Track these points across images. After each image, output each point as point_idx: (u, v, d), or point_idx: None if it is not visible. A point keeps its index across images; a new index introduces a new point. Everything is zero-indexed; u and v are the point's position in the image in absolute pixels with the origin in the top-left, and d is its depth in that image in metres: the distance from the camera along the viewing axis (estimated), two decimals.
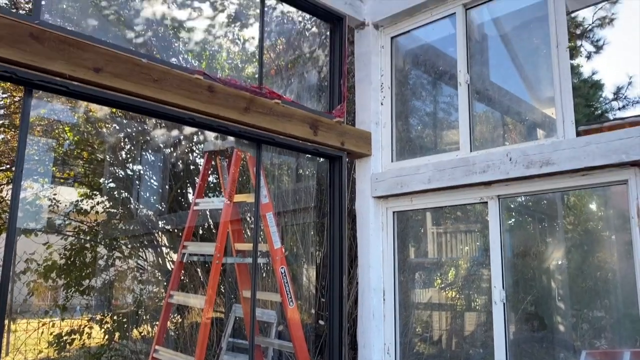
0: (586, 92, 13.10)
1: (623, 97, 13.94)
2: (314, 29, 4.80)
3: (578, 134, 3.42)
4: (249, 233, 5.49)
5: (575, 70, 13.77)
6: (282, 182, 5.73)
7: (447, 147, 4.35)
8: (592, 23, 13.10)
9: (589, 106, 13.25)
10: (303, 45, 4.97)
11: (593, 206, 5.33)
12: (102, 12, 3.42)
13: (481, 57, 4.24)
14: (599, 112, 13.58)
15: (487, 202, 3.73)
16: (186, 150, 6.31)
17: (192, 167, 6.49)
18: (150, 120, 5.61)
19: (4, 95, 6.19)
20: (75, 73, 2.77)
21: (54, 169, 6.32)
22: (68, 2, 3.51)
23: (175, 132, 5.68)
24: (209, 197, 6.13)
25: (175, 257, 6.12)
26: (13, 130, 6.12)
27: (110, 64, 2.91)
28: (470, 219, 5.46)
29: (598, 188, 3.60)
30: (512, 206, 5.33)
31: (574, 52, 13.74)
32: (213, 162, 5.06)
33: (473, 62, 4.09)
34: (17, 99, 6.01)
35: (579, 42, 13.71)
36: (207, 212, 6.14)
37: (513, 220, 5.51)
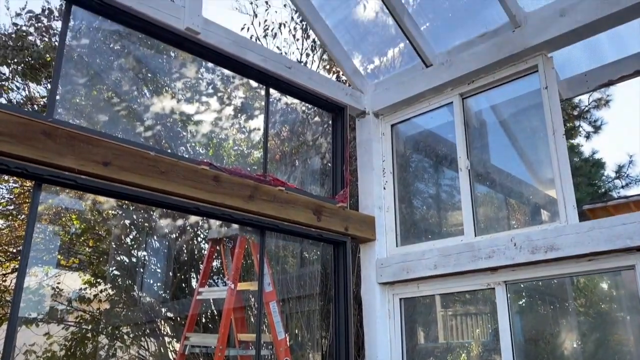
0: (588, 170, 13.21)
1: (625, 175, 14.04)
2: (317, 118, 4.96)
3: (582, 213, 3.43)
4: (252, 320, 5.38)
5: (575, 150, 13.98)
6: (287, 264, 5.69)
7: (452, 229, 4.35)
8: (589, 104, 13.47)
9: (592, 185, 13.32)
10: (306, 133, 5.13)
11: (604, 286, 5.23)
12: (113, 108, 3.58)
13: (481, 142, 4.34)
14: (602, 190, 13.62)
15: (494, 288, 3.68)
16: (191, 237, 6.33)
17: (196, 253, 6.48)
18: (156, 209, 5.70)
19: (15, 185, 6.32)
20: (84, 167, 2.86)
21: (59, 256, 6.33)
22: (81, 98, 3.68)
23: (180, 221, 5.73)
24: (214, 281, 6.07)
25: (177, 346, 5.96)
26: (20, 219, 6.19)
27: (119, 158, 3.00)
28: (480, 301, 5.35)
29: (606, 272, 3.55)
30: (522, 286, 5.24)
31: (572, 132, 14.02)
32: (217, 248, 5.06)
33: (473, 147, 4.19)
34: (26, 188, 6.14)
35: (577, 123, 14.03)
36: (211, 300, 6.06)
37: (523, 301, 5.39)
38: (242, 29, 7.29)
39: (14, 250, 6.40)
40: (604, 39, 3.71)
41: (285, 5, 10.25)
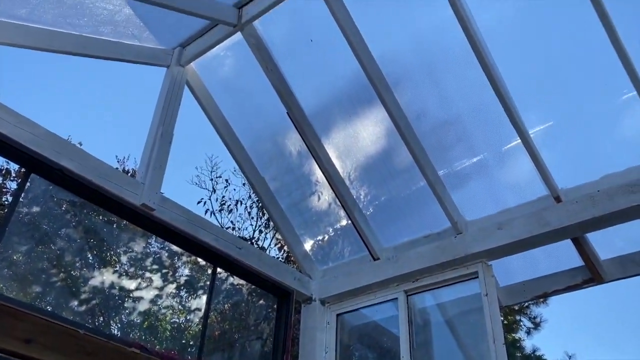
0: None
1: None
2: (262, 301, 4.88)
3: None
4: None
5: (517, 344, 14.01)
6: None
7: None
8: (529, 301, 13.84)
9: None
10: (250, 315, 4.99)
11: None
12: (51, 278, 3.44)
13: (425, 339, 4.30)
14: None
15: None
16: None
17: None
18: None
19: None
20: (3, 344, 2.63)
21: None
22: (19, 264, 3.53)
23: None
24: None
25: None
26: None
27: (44, 335, 2.80)
28: None
29: None
30: None
31: (514, 326, 14.18)
32: None
33: (417, 345, 4.13)
34: None
35: (518, 317, 14.27)
36: None
37: None
38: (199, 202, 7.49)
39: None
40: (540, 252, 3.96)
41: (244, 184, 10.73)
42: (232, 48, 4.42)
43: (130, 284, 3.94)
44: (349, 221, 4.60)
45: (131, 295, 3.89)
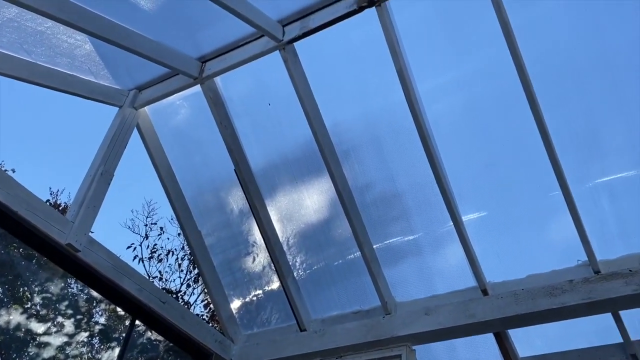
0: None
1: None
2: None
3: None
4: None
5: None
6: None
7: None
8: None
9: None
10: None
11: None
12: None
13: None
14: None
15: None
16: None
17: None
18: None
19: None
20: None
21: None
22: None
23: None
24: None
25: None
26: None
27: None
28: None
29: None
30: None
31: None
32: None
33: None
34: None
35: None
36: None
37: None
38: (129, 247, 7.20)
39: None
40: (461, 342, 4.02)
41: (179, 235, 10.47)
42: (189, 99, 4.43)
43: (39, 327, 3.67)
44: (281, 287, 4.53)
45: (38, 339, 3.62)
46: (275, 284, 4.76)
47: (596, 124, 3.59)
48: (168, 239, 12.91)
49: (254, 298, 4.99)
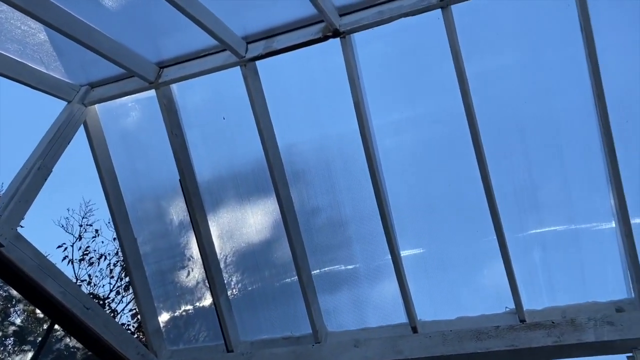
0: None
1: None
2: None
3: None
4: None
5: None
6: None
7: None
8: None
9: None
10: None
11: None
12: None
13: None
14: None
15: None
16: None
17: None
18: None
19: None
20: None
21: None
22: None
23: None
24: None
25: None
26: None
27: None
28: None
29: None
30: None
31: None
32: None
33: None
34: None
35: None
36: None
37: None
38: (59, 247, 6.88)
39: None
40: None
41: (114, 239, 10.09)
42: (142, 102, 4.34)
43: None
44: (213, 305, 4.43)
45: None
46: (208, 301, 4.66)
47: (535, 178, 3.75)
48: (102, 242, 12.18)
49: (184, 313, 4.85)
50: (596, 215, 3.69)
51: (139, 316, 6.88)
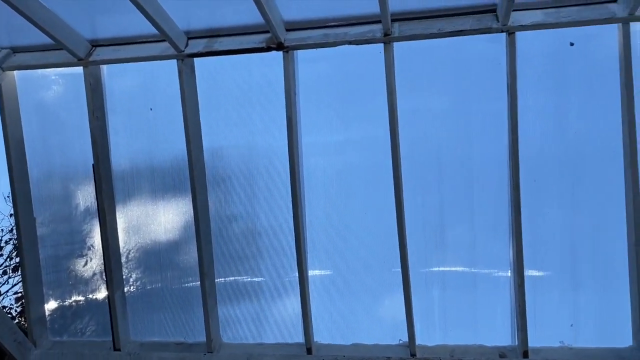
0: None
1: None
2: None
3: None
4: None
5: None
6: None
7: None
8: None
9: None
10: None
11: None
12: None
13: None
14: None
15: None
16: None
17: None
18: None
19: None
20: None
21: None
22: None
23: None
24: None
25: None
26: None
27: None
28: None
29: None
30: None
31: None
32: None
33: None
34: None
35: None
36: None
37: None
38: None
39: None
40: None
41: (10, 215, 9.38)
42: (67, 77, 4.12)
43: None
44: (106, 300, 4.22)
45: None
46: (102, 295, 4.43)
47: (445, 218, 3.91)
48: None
49: (74, 304, 4.58)
50: (495, 262, 3.90)
51: (23, 300, 6.44)
